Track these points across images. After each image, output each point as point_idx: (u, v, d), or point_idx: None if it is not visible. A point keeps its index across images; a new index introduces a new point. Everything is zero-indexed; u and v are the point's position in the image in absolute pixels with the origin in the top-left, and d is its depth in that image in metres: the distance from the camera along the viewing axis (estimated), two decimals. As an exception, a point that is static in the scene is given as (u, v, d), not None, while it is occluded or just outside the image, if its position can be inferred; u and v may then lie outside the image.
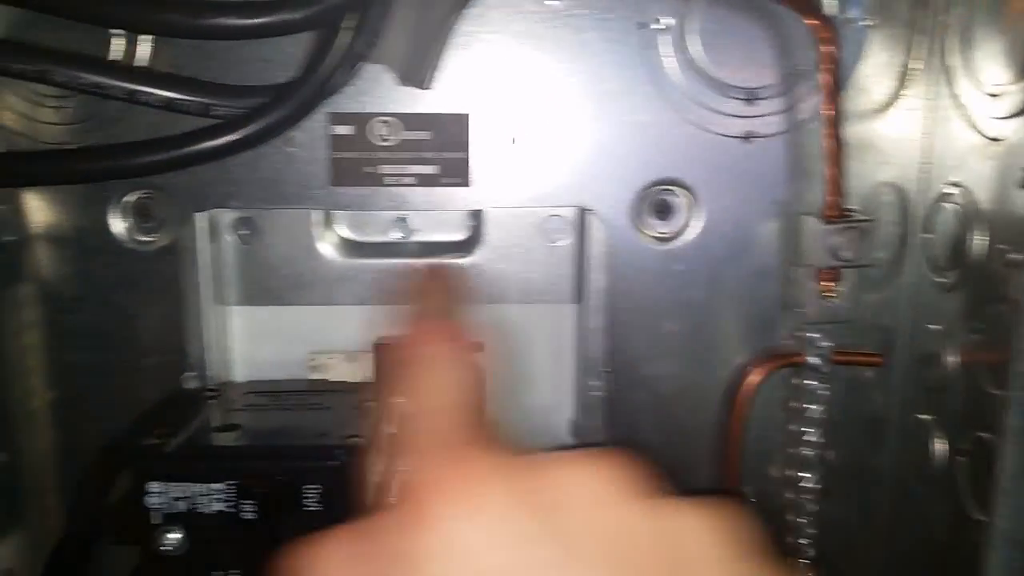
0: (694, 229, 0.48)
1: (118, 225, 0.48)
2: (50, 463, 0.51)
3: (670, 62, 0.46)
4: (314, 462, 0.37)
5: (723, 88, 0.47)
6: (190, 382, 0.48)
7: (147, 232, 0.48)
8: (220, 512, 0.37)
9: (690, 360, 0.49)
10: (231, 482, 0.36)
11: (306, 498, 0.37)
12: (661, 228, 0.48)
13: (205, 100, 0.41)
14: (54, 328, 0.50)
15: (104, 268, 0.49)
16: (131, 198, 0.48)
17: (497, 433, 0.22)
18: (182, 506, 0.37)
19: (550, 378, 0.50)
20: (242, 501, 0.36)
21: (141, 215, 0.48)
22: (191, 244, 0.47)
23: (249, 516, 0.36)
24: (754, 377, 0.48)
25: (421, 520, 0.19)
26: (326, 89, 0.42)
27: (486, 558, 0.19)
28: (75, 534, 0.39)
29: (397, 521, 0.20)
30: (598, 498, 0.20)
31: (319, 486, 0.37)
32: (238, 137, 0.41)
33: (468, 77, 0.46)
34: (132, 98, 0.40)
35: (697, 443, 0.50)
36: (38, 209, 0.48)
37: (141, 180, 0.47)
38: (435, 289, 0.31)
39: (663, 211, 0.48)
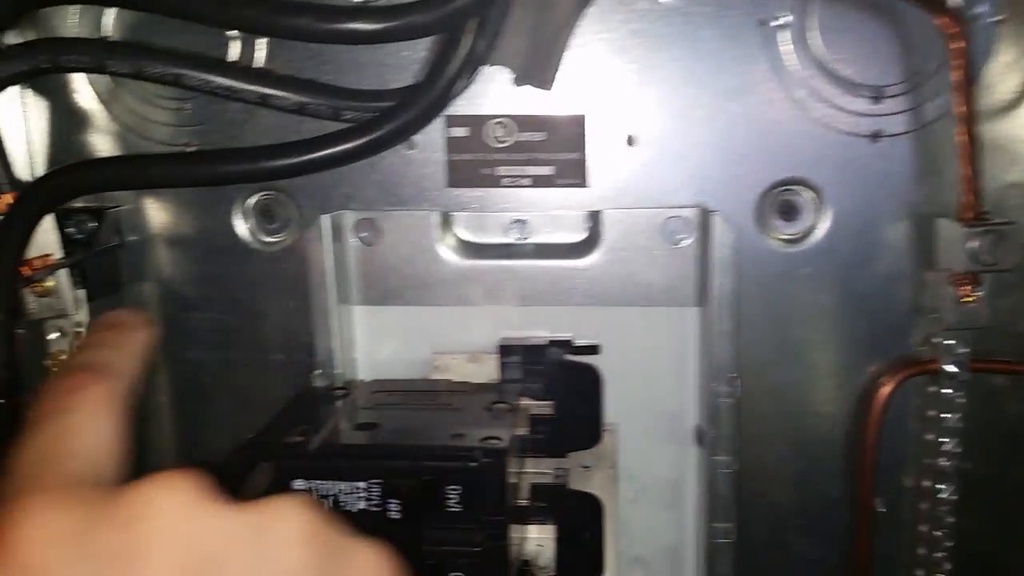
0: (821, 231, 0.47)
1: (241, 226, 0.49)
2: (173, 460, 0.52)
3: (791, 59, 0.45)
4: (456, 462, 0.37)
5: (849, 85, 0.46)
6: (318, 380, 0.48)
7: (270, 233, 0.49)
8: (363, 511, 0.37)
9: (819, 366, 0.48)
10: (375, 480, 0.37)
11: (447, 498, 0.37)
12: (787, 229, 0.47)
13: (335, 103, 0.42)
14: (179, 328, 0.51)
15: (228, 268, 0.50)
16: (254, 200, 0.49)
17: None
18: (327, 504, 0.37)
19: (674, 383, 0.50)
20: (387, 500, 0.36)
21: (264, 216, 0.49)
22: (316, 245, 0.47)
23: (393, 515, 0.36)
24: (887, 385, 0.46)
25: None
26: (452, 91, 0.42)
27: None
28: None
29: None
30: (184, 508, 0.21)
31: (459, 487, 0.37)
32: (369, 140, 0.41)
33: (583, 77, 0.46)
34: (264, 102, 0.41)
35: (827, 452, 0.49)
36: (161, 209, 0.50)
37: (265, 184, 0.48)
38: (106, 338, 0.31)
39: (788, 212, 0.47)
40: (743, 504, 0.48)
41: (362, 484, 0.37)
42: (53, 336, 0.45)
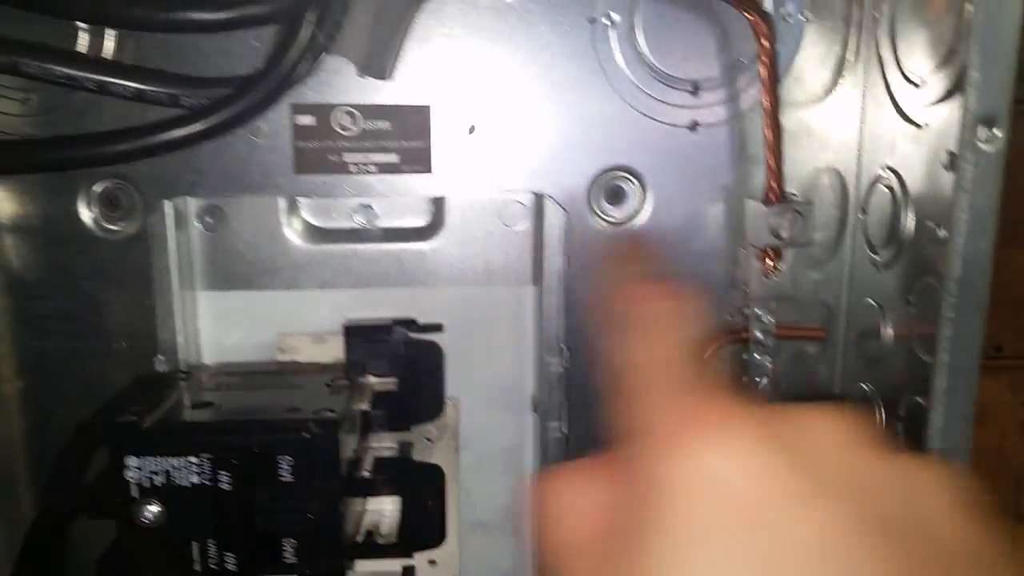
0: (645, 214, 0.51)
1: (86, 214, 0.49)
2: (20, 450, 0.52)
3: (619, 55, 0.49)
4: (286, 434, 0.39)
5: (670, 80, 0.49)
6: (161, 366, 0.49)
7: (115, 221, 0.50)
8: (196, 485, 0.38)
9: (643, 337, 0.52)
10: (207, 455, 0.38)
11: (280, 469, 0.39)
12: (614, 213, 0.51)
13: (174, 91, 0.43)
14: (23, 316, 0.50)
15: (73, 256, 0.50)
16: (99, 187, 0.49)
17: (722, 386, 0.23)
18: (159, 480, 0.38)
19: (512, 357, 0.53)
20: (218, 472, 0.38)
21: (109, 204, 0.49)
22: (158, 232, 0.48)
23: (225, 487, 0.38)
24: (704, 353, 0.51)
25: (670, 449, 0.20)
26: (290, 80, 0.44)
27: (735, 487, 0.19)
28: (51, 511, 0.40)
29: (645, 451, 0.20)
30: (845, 445, 0.20)
31: (291, 457, 0.39)
32: (205, 126, 0.42)
33: (428, 69, 0.48)
34: (103, 89, 0.42)
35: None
36: (5, 198, 0.49)
37: (108, 169, 0.48)
38: (634, 255, 0.31)
39: (616, 197, 0.51)
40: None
41: (194, 459, 0.38)
42: None
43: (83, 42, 0.46)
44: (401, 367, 0.49)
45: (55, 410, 0.51)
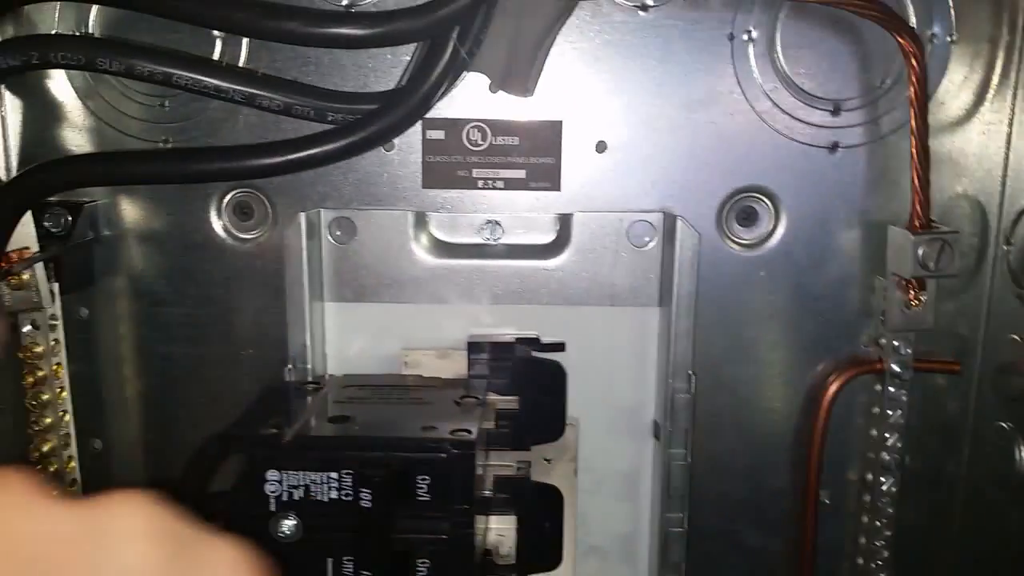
0: (777, 236, 0.49)
1: (217, 222, 0.50)
2: (141, 452, 0.53)
3: (756, 72, 0.48)
4: (426, 454, 0.39)
5: (809, 98, 0.48)
6: (289, 375, 0.49)
7: (246, 230, 0.50)
8: (334, 500, 0.38)
9: (772, 364, 0.51)
10: (346, 471, 0.38)
11: (418, 488, 0.39)
12: (745, 235, 0.50)
13: (320, 105, 0.43)
14: (151, 321, 0.52)
15: (202, 263, 0.51)
16: (231, 197, 0.50)
17: None
18: (298, 494, 0.38)
19: (634, 380, 0.52)
20: (360, 489, 0.38)
21: (240, 213, 0.50)
22: (292, 243, 0.48)
23: (366, 504, 0.38)
24: (835, 383, 0.49)
25: None
26: (435, 96, 0.43)
27: None
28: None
29: None
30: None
31: (429, 477, 0.39)
32: (350, 142, 0.42)
33: (560, 84, 0.48)
34: (251, 102, 0.42)
35: (777, 445, 0.51)
36: (137, 205, 0.50)
37: (242, 182, 0.49)
38: None
39: (747, 218, 0.49)
40: (695, 495, 0.50)
41: (334, 475, 0.38)
42: (27, 329, 0.46)
43: (216, 51, 0.47)
44: (523, 385, 0.49)
45: (180, 415, 0.52)
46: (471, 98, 0.48)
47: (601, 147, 0.49)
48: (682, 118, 0.48)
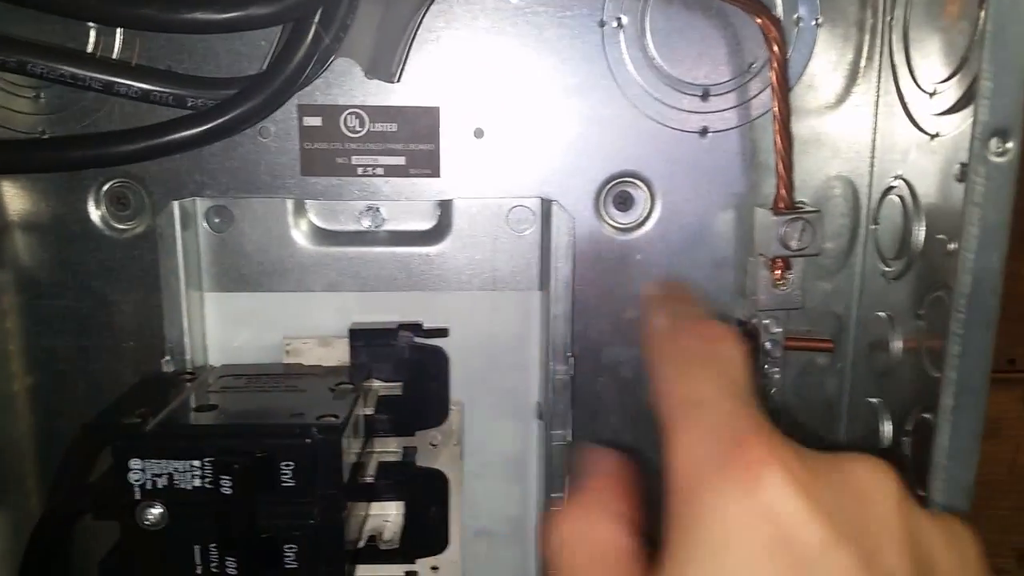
0: (653, 220, 0.50)
1: (94, 212, 0.50)
2: (29, 447, 0.53)
3: (628, 59, 0.48)
4: (289, 440, 0.39)
5: (680, 84, 0.49)
6: (167, 366, 0.49)
7: (123, 220, 0.50)
8: (198, 488, 0.38)
9: (650, 345, 0.52)
10: (208, 459, 0.38)
11: (282, 474, 0.39)
12: (622, 219, 0.51)
13: (180, 92, 0.43)
14: (33, 314, 0.51)
15: (82, 255, 0.50)
16: (108, 186, 0.49)
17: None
18: (162, 482, 0.38)
19: (518, 363, 0.52)
20: (220, 477, 0.38)
21: (117, 203, 0.50)
22: (166, 232, 0.48)
23: (226, 491, 0.38)
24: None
25: (722, 482, 0.20)
26: (298, 82, 0.43)
27: (791, 526, 0.19)
28: (56, 511, 0.41)
29: (691, 482, 0.21)
30: (892, 497, 0.20)
31: (294, 463, 0.39)
32: (211, 127, 0.42)
33: (436, 71, 0.48)
34: (109, 90, 0.42)
35: (656, 424, 0.52)
36: (16, 196, 0.50)
37: (117, 169, 0.49)
38: (680, 297, 0.31)
39: (624, 202, 0.50)
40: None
41: (196, 463, 0.38)
42: None
43: (90, 42, 0.46)
44: (406, 371, 0.49)
45: (63, 409, 0.52)
46: (349, 84, 0.48)
47: (479, 133, 0.49)
48: (558, 105, 0.49)
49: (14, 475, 0.53)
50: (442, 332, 0.50)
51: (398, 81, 0.48)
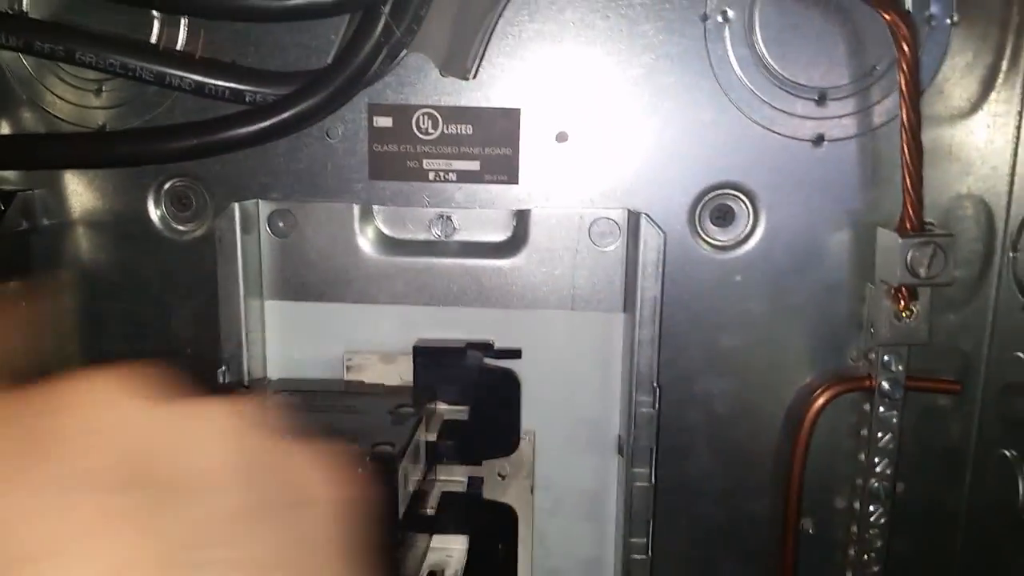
0: (756, 237, 0.45)
1: (154, 212, 0.47)
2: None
3: (734, 57, 0.43)
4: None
5: (792, 87, 0.43)
6: (223, 377, 0.46)
7: (184, 221, 0.47)
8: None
9: (749, 379, 0.46)
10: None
11: (329, 508, 0.35)
12: (720, 235, 0.45)
13: (238, 86, 0.40)
14: (91, 316, 0.49)
15: (141, 256, 0.48)
16: (168, 185, 0.47)
17: None
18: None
19: (596, 391, 0.47)
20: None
21: (178, 203, 0.47)
22: (226, 235, 0.45)
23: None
24: (819, 400, 0.44)
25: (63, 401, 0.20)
26: (363, 77, 0.40)
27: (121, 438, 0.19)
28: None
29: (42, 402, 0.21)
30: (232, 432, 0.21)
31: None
32: (269, 123, 0.39)
33: (516, 68, 0.44)
34: (161, 81, 0.39)
35: (753, 468, 0.47)
36: (77, 194, 0.48)
37: (180, 167, 0.46)
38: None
39: (723, 217, 0.45)
40: (663, 518, 0.46)
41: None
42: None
43: (155, 32, 0.44)
44: (474, 395, 0.45)
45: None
46: (422, 83, 0.44)
47: (562, 138, 0.45)
48: (651, 107, 0.44)
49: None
50: (514, 353, 0.46)
51: (474, 78, 0.43)
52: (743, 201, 0.45)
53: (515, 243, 0.47)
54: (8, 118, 0.47)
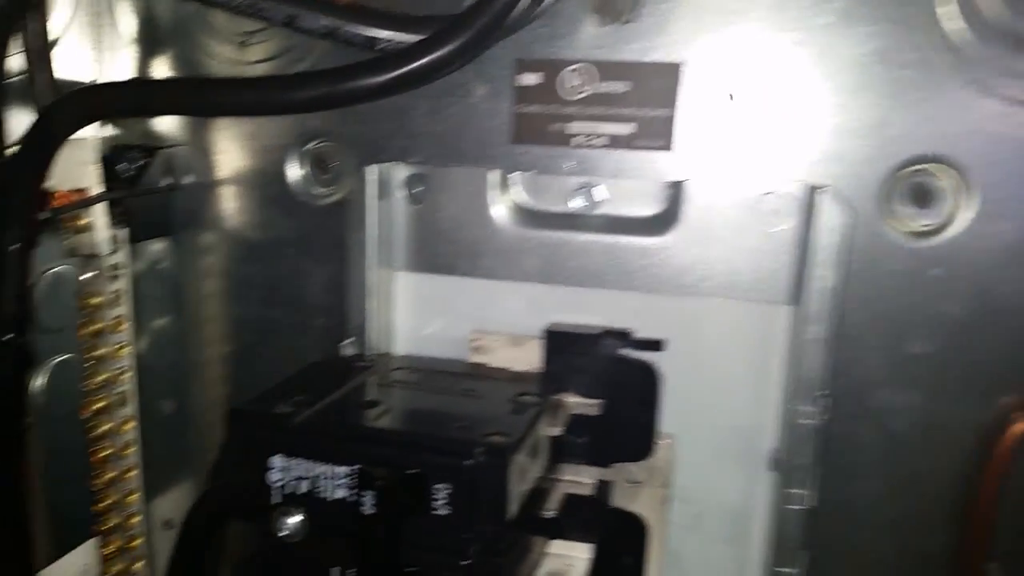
0: (961, 223, 0.37)
1: (295, 174, 0.46)
2: (216, 418, 0.50)
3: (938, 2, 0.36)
4: (446, 457, 0.32)
5: (1016, 40, 0.35)
6: (347, 349, 0.44)
7: (323, 184, 0.45)
8: (340, 500, 0.32)
9: (937, 393, 0.38)
10: (352, 466, 0.32)
11: (434, 499, 0.32)
12: (918, 219, 0.38)
13: (371, 32, 0.37)
14: (225, 279, 0.48)
15: (278, 219, 0.47)
16: (309, 147, 0.45)
17: None
18: (304, 487, 0.33)
19: (750, 395, 0.41)
20: (362, 491, 0.31)
21: (318, 165, 0.45)
22: (358, 198, 0.43)
23: (367, 509, 0.31)
24: (1020, 422, 0.36)
25: None
26: (502, 22, 0.36)
27: None
28: (199, 508, 0.37)
29: None
30: None
31: (449, 486, 0.32)
32: (396, 75, 0.35)
33: (681, 17, 0.38)
34: (292, 24, 0.37)
35: (932, 498, 0.39)
36: (219, 152, 0.47)
37: (320, 128, 0.45)
38: None
39: (923, 197, 0.37)
40: (820, 548, 0.39)
41: (342, 469, 0.32)
42: (87, 275, 0.44)
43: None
44: (607, 388, 0.40)
45: (249, 383, 0.49)
46: (575, 34, 0.40)
47: (729, 98, 0.39)
48: (837, 63, 0.37)
49: (200, 445, 0.51)
50: (656, 345, 0.41)
51: (630, 21, 0.38)
52: (949, 178, 0.37)
53: (666, 219, 0.41)
54: (158, 69, 0.47)
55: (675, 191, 0.41)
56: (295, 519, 0.33)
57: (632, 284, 0.42)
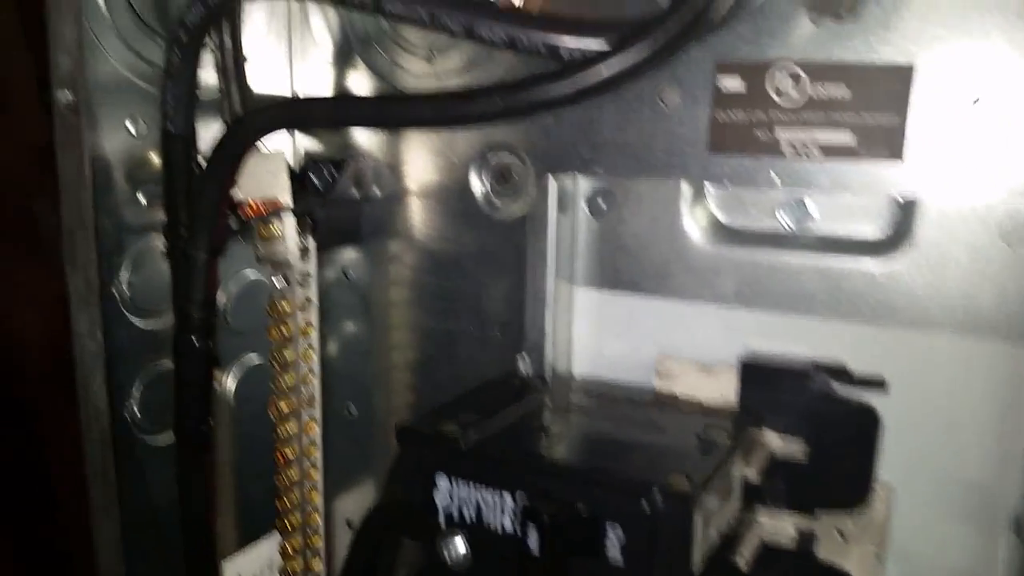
0: None
1: (478, 186, 0.45)
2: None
3: None
4: (621, 499, 0.28)
5: None
6: (523, 366, 0.42)
7: (504, 196, 0.44)
8: (506, 534, 0.30)
9: None
10: (519, 498, 0.29)
11: (606, 544, 0.29)
12: None
13: (553, 40, 0.34)
14: (409, 290, 0.48)
15: (460, 231, 0.46)
16: (490, 158, 0.44)
17: None
18: (469, 512, 0.31)
19: (988, 446, 0.35)
20: (527, 526, 0.29)
21: (500, 177, 0.44)
22: (540, 211, 0.41)
23: (531, 546, 0.29)
24: None
25: None
26: (696, 31, 0.32)
27: None
28: (370, 523, 0.36)
29: None
30: None
31: (623, 531, 0.28)
32: (575, 87, 0.33)
33: (913, 14, 0.33)
34: (471, 33, 0.35)
35: None
36: (406, 164, 0.47)
37: (503, 141, 0.43)
38: None
39: None
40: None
41: (508, 497, 0.30)
42: (278, 283, 0.44)
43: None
44: (814, 429, 0.35)
45: (429, 394, 0.48)
46: (785, 32, 0.36)
47: (972, 103, 0.33)
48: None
49: (382, 450, 0.51)
50: (877, 383, 0.35)
51: (852, 18, 0.34)
52: None
53: (893, 240, 0.36)
54: (343, 84, 0.47)
55: (906, 210, 0.35)
56: (460, 547, 0.31)
57: (847, 313, 0.36)
